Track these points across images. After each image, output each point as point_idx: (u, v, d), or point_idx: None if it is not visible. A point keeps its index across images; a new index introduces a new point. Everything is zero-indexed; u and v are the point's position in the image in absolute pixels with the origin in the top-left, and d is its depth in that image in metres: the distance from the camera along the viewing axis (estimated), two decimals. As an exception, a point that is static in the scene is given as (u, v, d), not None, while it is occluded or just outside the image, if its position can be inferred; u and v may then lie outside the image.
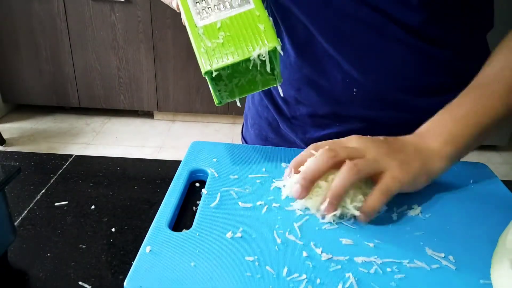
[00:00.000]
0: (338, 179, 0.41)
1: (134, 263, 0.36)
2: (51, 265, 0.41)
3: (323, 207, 0.41)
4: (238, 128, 2.58)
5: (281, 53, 0.44)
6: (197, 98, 2.49)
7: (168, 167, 0.59)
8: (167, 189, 0.47)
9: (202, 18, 0.45)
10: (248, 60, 0.43)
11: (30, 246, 0.44)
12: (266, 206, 0.44)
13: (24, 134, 2.40)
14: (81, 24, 2.31)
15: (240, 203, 0.45)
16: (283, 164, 0.52)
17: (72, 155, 0.61)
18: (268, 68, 0.44)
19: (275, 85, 0.47)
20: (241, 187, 0.47)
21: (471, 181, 0.51)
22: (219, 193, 0.46)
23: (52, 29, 2.32)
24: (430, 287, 0.36)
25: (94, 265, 0.41)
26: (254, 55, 0.43)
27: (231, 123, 2.65)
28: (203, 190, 0.47)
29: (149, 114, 2.70)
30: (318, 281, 0.35)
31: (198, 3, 0.46)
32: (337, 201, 0.41)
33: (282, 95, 0.50)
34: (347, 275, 0.36)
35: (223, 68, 0.44)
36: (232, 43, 0.43)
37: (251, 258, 0.37)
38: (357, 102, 0.59)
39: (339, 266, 0.37)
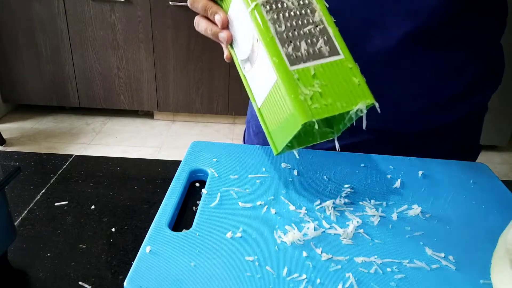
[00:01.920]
0: None
1: (134, 263, 0.36)
2: (51, 265, 0.41)
3: None
4: (238, 128, 2.58)
5: (379, 110, 0.41)
6: (197, 98, 2.49)
7: (168, 167, 0.59)
8: (167, 189, 0.47)
9: (292, 62, 0.40)
10: (346, 113, 0.40)
11: (30, 246, 0.44)
12: (266, 206, 0.44)
13: (24, 134, 2.40)
14: (81, 24, 2.31)
15: (240, 203, 0.45)
16: (283, 164, 0.52)
17: (72, 155, 0.61)
18: (353, 122, 0.43)
19: (331, 138, 0.44)
20: (241, 187, 0.47)
21: (471, 181, 0.51)
22: (219, 193, 0.46)
23: (52, 29, 2.32)
24: (430, 287, 0.36)
25: (94, 265, 0.41)
26: (354, 109, 0.40)
27: (231, 123, 2.65)
28: (203, 190, 0.47)
29: (149, 114, 2.70)
30: (318, 281, 0.35)
31: (287, 44, 0.41)
32: None
33: (338, 149, 0.44)
34: (347, 275, 0.36)
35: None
36: (329, 93, 0.40)
37: (251, 258, 0.37)
38: (370, 115, 0.59)
39: (339, 266, 0.37)
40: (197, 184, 0.51)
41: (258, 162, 0.52)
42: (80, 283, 0.39)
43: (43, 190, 0.53)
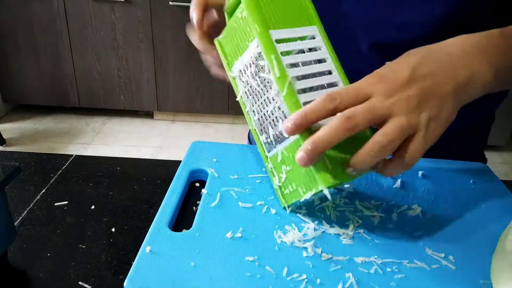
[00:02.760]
0: (326, 129, 0.34)
1: (134, 263, 0.36)
2: (51, 265, 0.41)
3: (297, 155, 0.35)
4: (238, 128, 2.58)
5: (329, 197, 0.38)
6: (197, 98, 2.49)
7: (168, 167, 0.59)
8: (167, 189, 0.47)
9: (268, 149, 0.44)
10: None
11: (30, 246, 0.44)
12: (266, 206, 0.44)
13: (24, 134, 2.40)
14: (81, 24, 2.31)
15: (240, 203, 0.44)
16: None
17: (72, 155, 0.61)
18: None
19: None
20: (241, 187, 0.47)
21: (471, 181, 0.51)
22: (219, 193, 0.46)
23: (52, 29, 2.32)
24: (430, 287, 0.36)
25: (94, 265, 0.41)
26: (316, 191, 0.39)
27: (231, 123, 2.65)
28: (203, 190, 0.47)
29: (149, 114, 2.69)
30: (318, 281, 0.35)
31: (261, 131, 0.44)
32: (314, 153, 0.35)
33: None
34: (347, 275, 0.36)
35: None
36: (293, 178, 0.41)
37: (251, 258, 0.37)
38: None
39: (339, 266, 0.37)
40: (197, 184, 0.51)
41: (258, 162, 0.52)
42: (80, 283, 0.39)
43: (43, 190, 0.53)
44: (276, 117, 0.41)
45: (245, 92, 0.45)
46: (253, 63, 0.42)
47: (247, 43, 0.42)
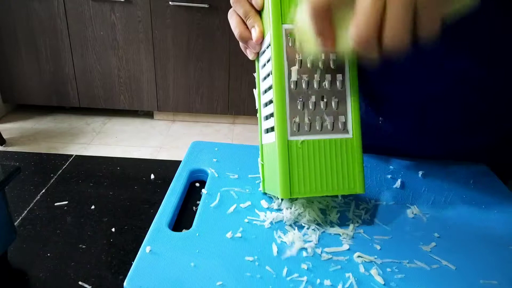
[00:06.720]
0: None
1: (134, 263, 0.36)
2: (51, 265, 0.41)
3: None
4: (238, 128, 2.58)
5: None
6: (197, 98, 2.49)
7: (168, 167, 0.59)
8: (167, 189, 0.47)
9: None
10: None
11: (30, 246, 0.44)
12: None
13: (24, 134, 2.40)
14: (81, 24, 2.31)
15: (240, 203, 0.44)
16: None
17: (72, 155, 0.61)
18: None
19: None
20: (241, 187, 0.47)
21: (471, 181, 0.51)
22: (219, 193, 0.46)
23: (52, 29, 2.32)
24: (430, 287, 0.36)
25: (94, 265, 0.41)
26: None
27: (231, 123, 2.65)
28: (203, 190, 0.47)
29: (149, 114, 2.69)
30: (318, 281, 0.35)
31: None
32: (322, 13, 0.30)
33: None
34: (347, 275, 0.36)
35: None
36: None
37: (251, 258, 0.37)
38: (381, 133, 0.55)
39: (339, 266, 0.37)
40: (197, 184, 0.51)
41: (258, 162, 0.52)
42: (80, 283, 0.39)
43: (43, 190, 0.53)
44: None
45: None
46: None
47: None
